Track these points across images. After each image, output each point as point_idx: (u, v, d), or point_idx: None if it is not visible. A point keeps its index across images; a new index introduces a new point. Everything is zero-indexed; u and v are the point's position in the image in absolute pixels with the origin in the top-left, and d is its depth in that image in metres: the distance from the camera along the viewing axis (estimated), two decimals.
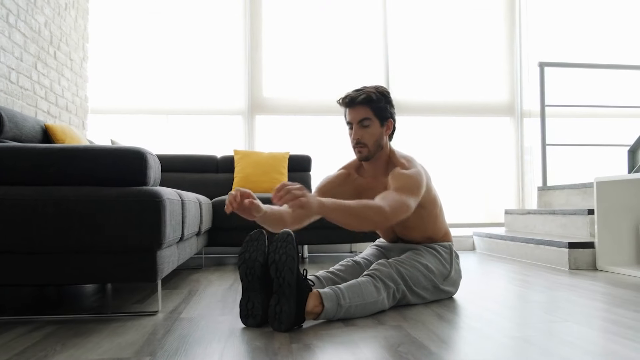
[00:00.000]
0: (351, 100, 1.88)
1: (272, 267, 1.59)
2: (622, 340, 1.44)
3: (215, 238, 3.38)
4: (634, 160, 3.37)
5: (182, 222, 2.06)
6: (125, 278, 1.73)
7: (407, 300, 1.93)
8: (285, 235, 1.61)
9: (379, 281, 1.81)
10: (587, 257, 3.00)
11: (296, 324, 1.60)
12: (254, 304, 1.63)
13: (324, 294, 1.66)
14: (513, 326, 1.62)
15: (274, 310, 1.58)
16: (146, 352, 1.37)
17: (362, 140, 1.89)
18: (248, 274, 1.64)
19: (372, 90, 1.89)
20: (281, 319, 1.57)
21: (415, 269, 1.93)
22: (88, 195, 1.69)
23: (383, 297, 1.80)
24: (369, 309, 1.76)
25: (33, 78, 3.10)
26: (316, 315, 1.66)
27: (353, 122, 1.90)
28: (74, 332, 1.60)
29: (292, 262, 1.57)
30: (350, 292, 1.72)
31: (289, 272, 1.57)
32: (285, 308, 1.56)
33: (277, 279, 1.58)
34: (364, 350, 1.37)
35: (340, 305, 1.68)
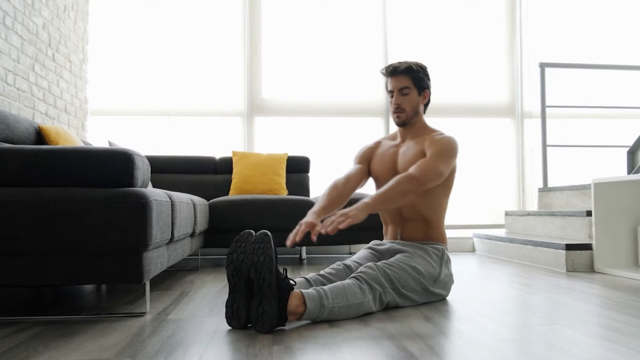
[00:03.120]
0: (394, 70, 2.09)
1: (251, 268, 1.59)
2: (610, 345, 1.42)
3: (212, 239, 3.38)
4: (633, 162, 3.34)
5: (171, 223, 2.06)
6: (111, 279, 1.73)
7: (396, 303, 1.92)
8: (262, 236, 1.61)
9: (364, 283, 1.81)
10: (585, 259, 2.97)
11: (278, 324, 1.59)
12: (239, 306, 1.63)
13: (306, 295, 1.66)
14: (500, 329, 1.61)
15: (256, 312, 1.58)
16: (127, 354, 1.37)
17: (402, 106, 2.09)
18: (235, 275, 1.63)
19: (412, 63, 2.10)
20: (263, 320, 1.56)
21: (403, 271, 1.93)
22: (74, 197, 1.69)
23: (368, 300, 1.80)
24: (353, 311, 1.76)
25: (30, 80, 3.12)
26: (299, 316, 1.65)
27: (394, 90, 2.09)
28: (59, 333, 1.61)
29: (270, 262, 1.57)
30: (334, 294, 1.72)
31: (268, 272, 1.57)
32: (267, 309, 1.56)
33: (257, 280, 1.58)
34: (345, 352, 1.36)
35: (324, 306, 1.68)
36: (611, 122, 4.63)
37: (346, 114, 4.42)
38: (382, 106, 4.44)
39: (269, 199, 3.41)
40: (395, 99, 2.09)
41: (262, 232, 1.63)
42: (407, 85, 2.08)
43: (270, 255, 1.58)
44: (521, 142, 4.56)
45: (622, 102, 4.64)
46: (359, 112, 4.43)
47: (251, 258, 1.60)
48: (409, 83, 2.09)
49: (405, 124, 2.12)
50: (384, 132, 4.43)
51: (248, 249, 1.62)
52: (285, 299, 1.61)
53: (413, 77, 2.09)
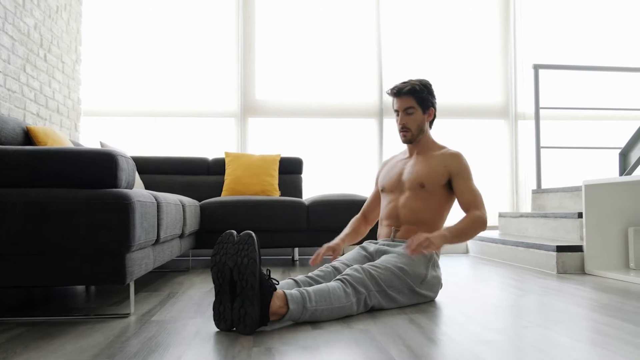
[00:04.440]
0: (398, 91, 2.19)
1: (234, 270, 1.59)
2: (591, 348, 1.42)
3: (204, 240, 3.37)
4: (625, 163, 3.33)
5: (157, 224, 2.06)
6: (94, 280, 1.72)
7: (381, 305, 1.91)
8: (246, 238, 1.60)
9: (349, 286, 1.81)
10: (576, 261, 2.97)
11: (260, 325, 1.59)
12: (225, 308, 1.62)
13: (289, 295, 1.66)
14: (482, 331, 1.60)
15: (238, 313, 1.57)
16: (105, 355, 1.36)
17: (407, 125, 2.19)
18: (219, 277, 1.63)
19: (416, 83, 2.19)
20: (245, 321, 1.56)
21: (389, 272, 1.93)
22: (57, 197, 1.69)
23: (352, 303, 1.80)
24: (335, 313, 1.76)
25: (21, 80, 3.12)
26: (281, 317, 1.65)
27: (399, 110, 2.20)
28: (41, 334, 1.60)
29: (253, 264, 1.56)
30: (318, 296, 1.72)
31: (251, 275, 1.56)
32: (249, 310, 1.56)
33: (240, 282, 1.58)
34: (325, 354, 1.36)
35: (306, 308, 1.67)
36: (605, 124, 4.63)
37: (340, 115, 4.42)
38: (375, 107, 4.44)
39: (261, 200, 3.41)
40: (400, 119, 2.20)
41: (246, 233, 1.62)
42: (411, 105, 2.18)
43: (254, 258, 1.57)
44: (515, 144, 4.56)
45: (615, 103, 4.64)
46: (352, 113, 4.43)
47: (234, 259, 1.60)
48: (413, 103, 2.18)
49: (411, 141, 2.23)
50: (377, 133, 4.43)
51: (231, 251, 1.62)
52: (268, 300, 1.60)
53: (417, 97, 2.18)
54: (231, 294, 1.62)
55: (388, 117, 4.43)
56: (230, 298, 1.61)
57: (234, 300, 1.61)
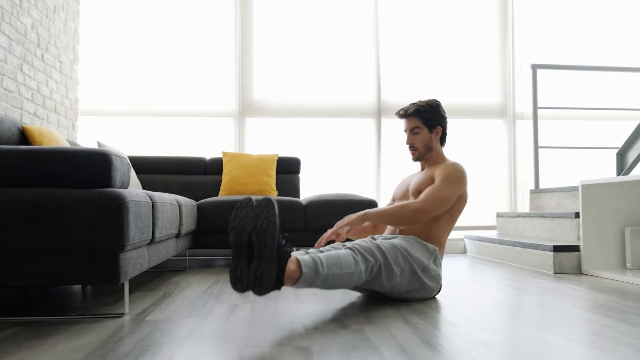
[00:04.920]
0: (404, 113, 2.30)
1: (253, 233, 1.62)
2: (586, 349, 1.42)
3: (201, 240, 3.37)
4: (622, 163, 3.33)
5: (152, 224, 2.05)
6: (88, 280, 1.72)
7: (381, 275, 1.94)
8: (266, 202, 1.64)
9: (358, 254, 1.87)
10: (573, 261, 2.96)
11: (275, 288, 1.63)
12: (241, 270, 1.64)
13: (302, 261, 1.72)
14: (477, 331, 1.60)
15: (255, 275, 1.60)
16: (97, 355, 1.36)
17: (414, 144, 2.29)
18: (237, 241, 1.66)
19: (422, 104, 2.28)
20: (261, 283, 1.59)
21: (394, 248, 2.00)
22: (51, 197, 1.68)
23: (361, 270, 1.85)
24: (346, 280, 1.81)
25: (18, 80, 3.12)
26: (294, 281, 1.70)
27: (407, 130, 2.31)
28: (34, 334, 1.60)
29: (273, 227, 1.60)
30: (329, 261, 1.78)
31: (270, 237, 1.60)
32: (266, 272, 1.59)
33: (258, 244, 1.61)
34: (316, 354, 1.35)
35: (318, 272, 1.73)
36: (603, 124, 4.62)
37: (338, 115, 4.42)
38: (373, 107, 4.44)
39: None
40: (407, 139, 2.31)
41: (266, 197, 1.66)
42: (417, 125, 2.27)
43: (274, 221, 1.61)
44: (513, 144, 4.55)
45: (613, 103, 4.63)
46: (350, 113, 4.42)
47: (253, 223, 1.63)
48: (418, 123, 2.27)
49: (419, 159, 2.32)
50: (375, 133, 4.43)
51: (250, 214, 1.65)
52: (284, 264, 1.65)
53: (422, 117, 2.27)
54: (248, 257, 1.64)
55: (386, 117, 4.43)
56: (247, 261, 1.64)
57: (250, 263, 1.64)
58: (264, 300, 2.16)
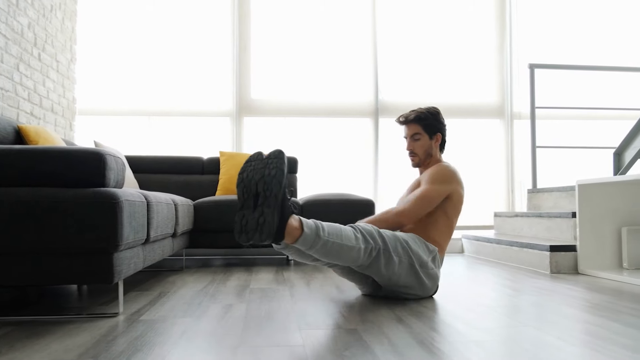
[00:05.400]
0: (405, 119, 2.31)
1: (260, 182, 1.65)
2: (578, 349, 1.41)
3: (198, 240, 3.37)
4: (619, 163, 3.33)
5: (147, 223, 2.05)
6: (82, 280, 1.72)
7: (379, 261, 1.94)
8: (276, 153, 1.68)
9: (359, 233, 1.90)
10: (569, 261, 2.96)
11: (276, 239, 1.66)
12: (247, 220, 1.67)
13: (305, 221, 1.75)
14: (470, 331, 1.60)
15: (257, 222, 1.63)
16: (90, 355, 1.36)
17: (414, 150, 2.30)
18: (245, 192, 1.69)
19: (422, 111, 2.30)
20: (262, 229, 1.62)
21: (395, 238, 2.02)
22: (44, 197, 1.68)
23: (360, 248, 1.87)
24: (344, 253, 1.83)
25: (15, 79, 3.11)
26: (294, 239, 1.72)
27: (407, 137, 2.32)
28: (27, 333, 1.60)
29: (281, 175, 1.63)
30: (331, 229, 1.81)
31: (277, 184, 1.63)
32: (268, 219, 1.61)
33: (263, 192, 1.64)
34: (309, 353, 1.35)
35: (319, 236, 1.75)
36: (601, 123, 4.62)
37: (335, 115, 4.41)
38: (371, 107, 4.43)
39: None
40: (408, 145, 2.32)
41: (276, 149, 1.69)
42: (417, 131, 2.29)
43: (283, 170, 1.64)
44: (510, 143, 4.55)
45: (611, 103, 4.63)
46: (348, 112, 4.42)
47: (261, 172, 1.67)
48: (419, 129, 2.29)
49: (419, 165, 2.33)
50: (373, 132, 4.43)
51: (259, 166, 1.69)
52: (287, 216, 1.68)
53: (422, 124, 2.29)
54: (254, 207, 1.67)
55: (384, 116, 4.43)
56: (252, 210, 1.67)
57: (254, 211, 1.67)
58: (259, 300, 2.16)
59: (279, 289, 2.42)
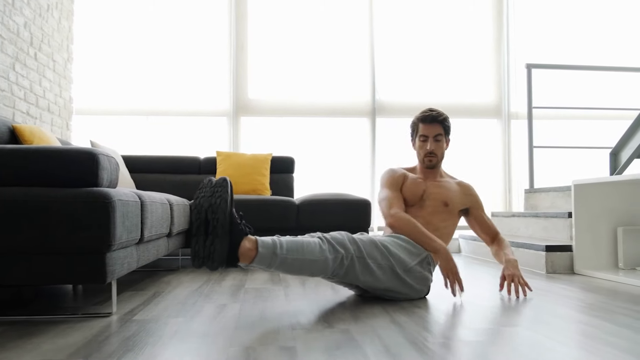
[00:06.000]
0: (432, 118, 2.28)
1: (209, 210, 1.69)
2: (566, 349, 1.41)
3: None
4: (615, 163, 3.33)
5: (141, 223, 2.05)
6: (74, 280, 1.72)
7: (354, 268, 1.91)
8: (220, 181, 1.72)
9: (326, 243, 1.87)
10: (565, 261, 2.96)
11: (229, 264, 1.69)
12: (199, 246, 1.71)
13: (260, 241, 1.76)
14: (462, 331, 1.60)
15: (209, 250, 1.66)
16: (80, 355, 1.36)
17: (435, 151, 2.30)
18: (197, 218, 1.72)
19: (444, 113, 2.32)
20: (213, 257, 1.65)
21: (371, 243, 1.99)
22: (37, 196, 1.68)
23: (327, 258, 1.84)
24: (307, 266, 1.81)
25: (11, 79, 3.11)
26: (250, 259, 1.73)
27: (429, 136, 2.29)
28: (20, 333, 1.59)
29: (224, 204, 1.66)
30: (290, 245, 1.80)
31: (222, 213, 1.66)
32: (217, 247, 1.65)
33: (212, 221, 1.68)
34: (300, 352, 1.35)
35: (276, 254, 1.76)
36: (598, 123, 4.62)
37: (332, 114, 4.41)
38: (368, 106, 4.43)
39: (252, 199, 3.40)
40: (430, 145, 2.29)
41: (221, 177, 1.73)
42: (441, 132, 2.30)
43: (225, 199, 1.68)
44: (508, 143, 4.55)
45: (608, 103, 4.63)
46: (345, 112, 4.42)
47: (209, 200, 1.71)
48: (442, 131, 2.30)
49: (435, 166, 2.34)
50: (370, 132, 4.43)
51: (207, 193, 1.73)
52: (238, 241, 1.70)
53: (445, 126, 2.31)
54: (205, 234, 1.71)
55: (380, 116, 4.43)
56: (204, 237, 1.70)
57: (206, 239, 1.70)
58: (253, 299, 2.15)
59: (273, 289, 2.42)
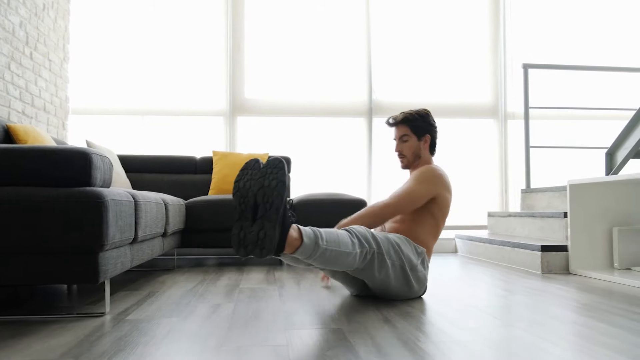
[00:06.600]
0: (393, 121, 2.33)
1: (259, 193, 1.57)
2: (558, 350, 1.41)
3: (190, 239, 3.36)
4: (611, 163, 3.33)
5: (135, 223, 2.04)
6: (67, 279, 1.71)
7: (373, 264, 1.93)
8: (276, 162, 1.60)
9: (355, 237, 1.87)
10: (560, 261, 2.96)
11: (277, 252, 1.61)
12: (245, 233, 1.58)
13: (304, 231, 1.72)
14: (455, 331, 1.59)
15: (257, 236, 1.55)
16: (71, 355, 1.35)
17: (402, 152, 2.31)
18: (241, 203, 1.60)
19: (410, 112, 2.31)
20: (263, 244, 1.54)
21: (387, 240, 2.00)
22: (29, 196, 1.68)
23: (356, 253, 1.85)
24: (341, 259, 1.80)
25: (6, 78, 3.10)
26: (294, 249, 1.68)
27: (396, 138, 2.33)
28: (12, 333, 1.59)
29: (282, 187, 1.55)
30: (329, 237, 1.78)
31: (278, 197, 1.55)
32: (269, 233, 1.54)
33: (263, 204, 1.56)
34: (291, 353, 1.35)
35: (318, 245, 1.72)
36: (594, 123, 4.62)
37: (329, 114, 4.41)
38: (365, 106, 4.43)
39: None
40: (396, 146, 2.33)
41: (276, 157, 1.62)
42: (405, 133, 2.30)
43: (284, 181, 1.57)
44: (504, 143, 4.55)
45: (605, 103, 4.63)
46: (342, 112, 4.42)
47: (260, 182, 1.59)
48: (407, 131, 2.29)
49: (408, 167, 2.33)
50: (366, 132, 4.42)
51: (256, 175, 1.61)
52: (287, 228, 1.63)
53: (410, 125, 2.29)
54: (253, 220, 1.59)
55: (377, 116, 4.42)
56: (251, 223, 1.58)
57: (254, 224, 1.58)
58: (247, 299, 2.15)
59: (268, 289, 2.42)
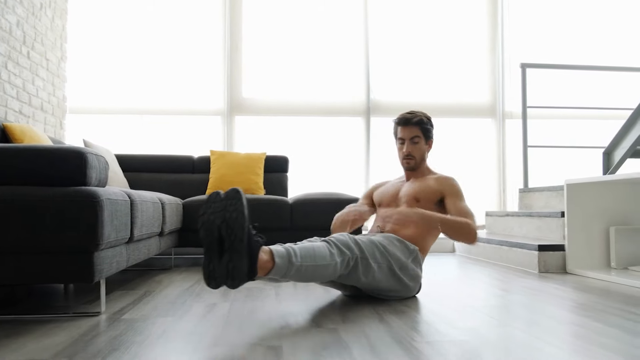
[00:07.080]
0: (407, 121, 2.28)
1: (222, 225, 1.58)
2: (552, 349, 1.41)
3: (187, 239, 3.36)
4: (608, 162, 3.33)
5: (131, 222, 2.04)
6: (62, 279, 1.71)
7: (357, 270, 1.92)
8: (233, 193, 1.60)
9: (334, 247, 1.86)
10: (557, 260, 2.96)
11: (249, 279, 1.60)
12: (214, 266, 1.60)
13: (275, 251, 1.70)
14: (451, 331, 1.59)
15: (226, 268, 1.56)
16: (65, 354, 1.35)
17: (412, 154, 2.30)
18: (207, 236, 1.62)
19: (422, 114, 2.31)
20: (234, 275, 1.56)
21: (371, 243, 2.00)
22: (24, 195, 1.67)
23: (336, 262, 1.83)
24: (320, 272, 1.79)
25: (3, 78, 3.10)
26: (267, 271, 1.68)
27: (405, 139, 2.29)
28: (7, 332, 1.59)
29: (242, 218, 1.56)
30: (303, 252, 1.76)
31: (240, 228, 1.56)
32: (237, 264, 1.56)
33: (228, 237, 1.57)
34: (286, 352, 1.35)
35: (292, 262, 1.71)
36: (592, 123, 4.62)
37: (327, 114, 4.41)
38: (362, 106, 4.43)
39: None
40: (406, 148, 2.29)
41: (233, 188, 1.62)
42: (417, 134, 2.29)
43: (242, 211, 1.57)
44: (502, 143, 4.55)
45: (603, 102, 4.63)
46: (339, 112, 4.42)
47: (222, 215, 1.59)
48: (419, 133, 2.29)
49: (414, 168, 2.33)
50: (364, 132, 4.42)
51: (218, 208, 1.61)
52: (256, 254, 1.62)
53: (422, 127, 2.29)
54: (219, 252, 1.60)
55: (375, 116, 4.42)
56: (219, 255, 1.60)
57: (222, 257, 1.60)
58: (244, 298, 2.15)
59: (265, 289, 2.42)
